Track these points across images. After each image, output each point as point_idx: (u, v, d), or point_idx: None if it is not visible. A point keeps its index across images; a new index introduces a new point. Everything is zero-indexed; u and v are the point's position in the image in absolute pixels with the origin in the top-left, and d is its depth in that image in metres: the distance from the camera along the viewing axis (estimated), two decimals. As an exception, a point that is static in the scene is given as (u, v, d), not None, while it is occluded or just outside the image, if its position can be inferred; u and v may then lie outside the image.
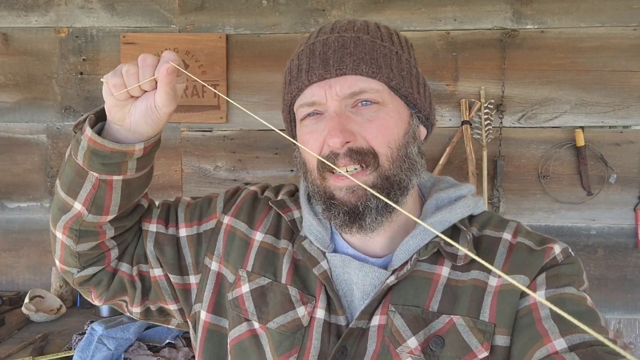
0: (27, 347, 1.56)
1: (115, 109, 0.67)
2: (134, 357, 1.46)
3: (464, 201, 0.71)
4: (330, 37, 0.67)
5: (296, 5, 1.99)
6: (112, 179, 0.69)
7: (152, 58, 0.65)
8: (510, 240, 0.68)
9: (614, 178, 1.95)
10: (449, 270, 0.67)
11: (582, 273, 0.65)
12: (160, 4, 2.01)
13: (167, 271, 0.77)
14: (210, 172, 2.05)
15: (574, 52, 1.93)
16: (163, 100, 0.64)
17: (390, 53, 0.68)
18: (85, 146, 0.67)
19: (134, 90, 0.65)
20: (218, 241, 0.77)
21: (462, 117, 1.94)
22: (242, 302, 0.72)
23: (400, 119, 0.67)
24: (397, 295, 0.66)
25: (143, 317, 0.82)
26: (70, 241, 0.73)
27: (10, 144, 2.06)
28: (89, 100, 2.04)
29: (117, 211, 0.72)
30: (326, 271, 0.69)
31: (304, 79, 0.66)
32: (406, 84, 0.68)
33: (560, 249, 0.66)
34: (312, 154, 0.66)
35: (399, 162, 0.66)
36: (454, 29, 1.96)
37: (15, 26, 2.03)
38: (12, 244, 2.08)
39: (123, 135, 0.69)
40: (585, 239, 1.99)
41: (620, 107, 1.94)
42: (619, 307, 1.99)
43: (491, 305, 0.63)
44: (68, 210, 0.71)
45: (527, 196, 1.99)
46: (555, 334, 0.56)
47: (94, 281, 0.78)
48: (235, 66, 2.01)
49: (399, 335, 0.63)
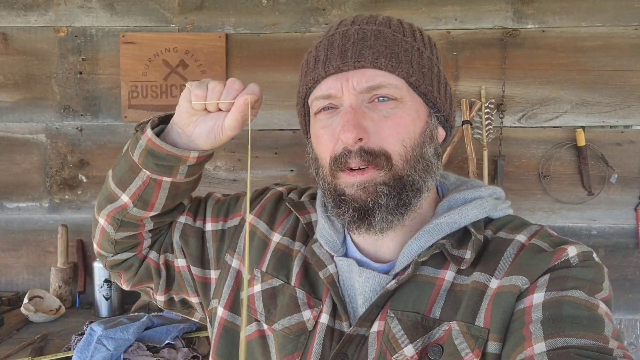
0: (26, 347, 1.56)
1: (185, 115, 0.70)
2: (133, 357, 1.46)
3: (478, 202, 0.67)
4: (351, 29, 0.65)
5: (296, 5, 1.98)
6: (162, 180, 0.73)
7: (240, 85, 0.68)
8: (524, 242, 0.63)
9: (615, 178, 1.95)
10: (454, 275, 0.63)
11: (601, 280, 0.58)
12: (160, 4, 2.00)
13: (190, 262, 0.79)
14: (209, 172, 2.05)
15: (575, 51, 1.93)
16: (231, 124, 0.68)
17: (411, 48, 0.65)
18: (143, 145, 0.70)
19: (211, 105, 0.68)
20: (240, 239, 0.78)
21: (463, 116, 1.93)
22: (253, 302, 0.72)
23: (418, 117, 0.65)
24: (397, 300, 0.63)
25: (167, 307, 0.85)
26: (111, 228, 0.78)
27: (10, 144, 2.06)
28: (88, 99, 2.03)
29: (161, 209, 0.76)
30: (332, 275, 0.68)
31: (320, 70, 0.64)
32: (426, 81, 0.66)
33: (578, 251, 0.60)
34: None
35: (413, 162, 0.64)
36: (454, 29, 1.96)
37: (14, 26, 2.02)
38: (11, 244, 2.08)
39: (182, 141, 0.72)
40: (585, 239, 1.98)
41: (622, 106, 1.93)
42: (619, 307, 1.99)
43: (487, 310, 0.58)
44: (115, 201, 0.76)
45: (527, 196, 1.99)
46: (539, 338, 0.51)
47: (125, 266, 0.83)
48: (235, 66, 2.01)
49: (396, 342, 0.60)
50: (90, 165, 2.05)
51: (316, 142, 0.67)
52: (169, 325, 1.61)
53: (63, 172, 2.06)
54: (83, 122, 2.04)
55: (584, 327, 0.51)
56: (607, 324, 0.53)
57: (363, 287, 0.65)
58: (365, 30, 0.64)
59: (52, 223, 2.04)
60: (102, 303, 1.88)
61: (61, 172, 2.06)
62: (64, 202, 2.06)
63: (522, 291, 0.57)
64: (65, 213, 2.06)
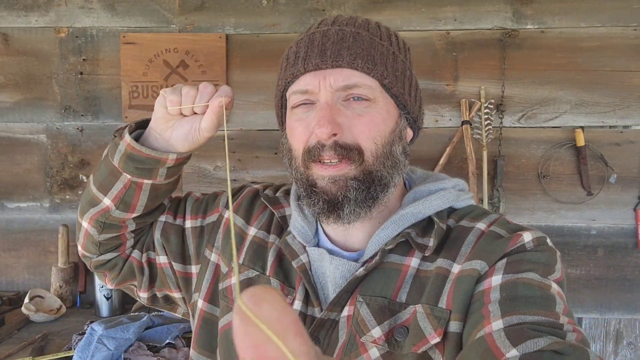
0: (27, 347, 1.56)
1: (162, 120, 0.73)
2: (134, 357, 1.46)
3: (441, 193, 0.72)
4: (331, 29, 0.68)
5: (296, 5, 1.99)
6: (142, 182, 0.75)
7: (212, 88, 0.71)
8: (483, 229, 0.68)
9: (614, 178, 1.95)
10: (419, 262, 0.67)
11: (554, 263, 0.63)
12: (160, 4, 2.01)
13: (171, 259, 0.82)
14: (210, 172, 2.05)
15: (574, 52, 1.93)
16: (207, 125, 0.71)
17: (387, 52, 0.69)
18: (122, 150, 0.73)
19: (186, 110, 0.71)
20: (218, 234, 0.81)
21: (462, 117, 1.94)
22: (230, 293, 0.76)
23: (389, 117, 0.69)
24: (366, 286, 0.67)
25: (150, 303, 0.88)
26: (94, 231, 0.80)
27: (10, 144, 2.06)
28: (89, 100, 2.04)
29: (142, 210, 0.79)
30: (304, 264, 0.71)
31: (300, 67, 0.67)
32: (398, 84, 0.69)
33: (532, 237, 0.64)
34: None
35: (382, 159, 0.67)
36: (453, 29, 1.96)
37: (15, 26, 2.03)
38: (11, 244, 2.08)
39: (159, 144, 0.75)
40: (585, 239, 1.99)
41: (621, 107, 1.94)
42: (619, 307, 1.99)
43: (449, 293, 0.63)
44: (97, 204, 0.78)
45: (527, 196, 1.99)
46: (497, 316, 0.55)
47: (109, 265, 0.85)
48: (235, 66, 2.01)
49: (364, 325, 0.64)
50: (91, 166, 2.06)
51: (291, 134, 0.71)
52: (169, 324, 1.61)
53: (64, 172, 2.06)
54: (84, 122, 2.04)
55: (537, 306, 0.55)
56: (559, 302, 0.57)
57: (334, 274, 0.69)
58: (344, 32, 0.67)
59: (52, 223, 2.05)
60: (102, 303, 1.89)
61: (62, 172, 2.06)
62: (65, 202, 2.07)
63: (481, 274, 0.61)
64: (65, 213, 2.06)
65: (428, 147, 1.99)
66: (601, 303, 2.00)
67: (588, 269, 1.99)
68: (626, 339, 2.04)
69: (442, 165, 1.94)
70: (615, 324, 2.03)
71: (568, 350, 0.47)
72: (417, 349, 0.61)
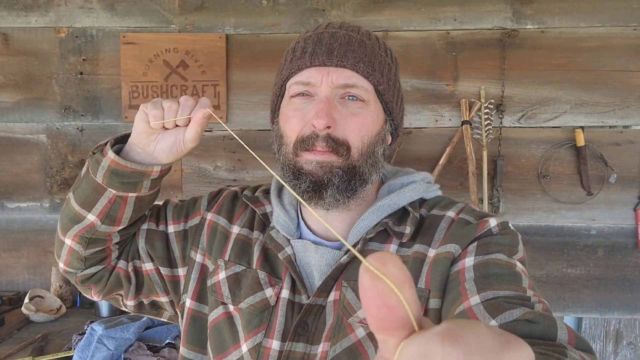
0: (27, 347, 1.57)
1: (144, 135, 0.75)
2: (134, 357, 1.46)
3: (413, 186, 0.79)
4: (339, 32, 0.74)
5: (296, 6, 1.99)
6: (127, 196, 0.77)
7: (192, 101, 0.74)
8: (453, 217, 0.75)
9: (614, 178, 1.95)
10: (397, 248, 0.74)
11: (517, 244, 0.70)
12: (160, 4, 2.01)
13: (158, 264, 0.84)
14: (210, 172, 2.05)
15: (574, 52, 1.93)
16: (191, 137, 0.74)
17: (384, 62, 0.76)
18: (105, 167, 0.74)
19: (168, 123, 0.74)
20: (202, 235, 0.85)
21: (462, 117, 1.94)
22: (219, 288, 0.80)
23: (377, 120, 0.75)
24: (350, 272, 0.73)
25: (136, 310, 0.89)
26: (80, 247, 0.81)
27: (10, 144, 2.06)
28: (89, 100, 2.04)
29: (128, 223, 0.80)
30: (290, 256, 0.77)
31: (306, 60, 0.73)
32: (390, 92, 0.76)
33: (497, 222, 0.71)
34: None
35: (366, 157, 0.73)
36: (453, 29, 1.96)
37: (15, 26, 2.03)
38: (11, 244, 2.08)
39: (142, 157, 0.77)
40: (585, 239, 1.99)
41: (620, 107, 1.94)
42: (619, 307, 1.99)
43: (427, 274, 0.69)
44: (81, 221, 0.79)
45: (527, 196, 1.99)
46: (473, 292, 0.61)
47: (95, 279, 0.85)
48: (235, 66, 2.01)
49: (350, 307, 0.70)
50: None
51: (285, 121, 0.75)
52: (169, 324, 1.61)
53: (64, 172, 2.06)
54: (84, 122, 2.04)
55: (507, 282, 0.62)
56: (524, 279, 0.64)
57: (319, 262, 0.75)
58: (351, 37, 0.74)
59: (52, 223, 2.05)
60: (102, 303, 1.89)
61: (62, 172, 2.06)
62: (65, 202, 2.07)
63: (456, 257, 0.69)
64: (65, 213, 2.06)
65: (428, 147, 1.99)
66: (601, 303, 2.00)
67: (588, 269, 1.99)
68: (626, 339, 2.04)
69: (442, 165, 1.94)
70: (615, 324, 2.03)
71: (539, 319, 0.54)
72: None
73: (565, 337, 0.52)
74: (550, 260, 2.00)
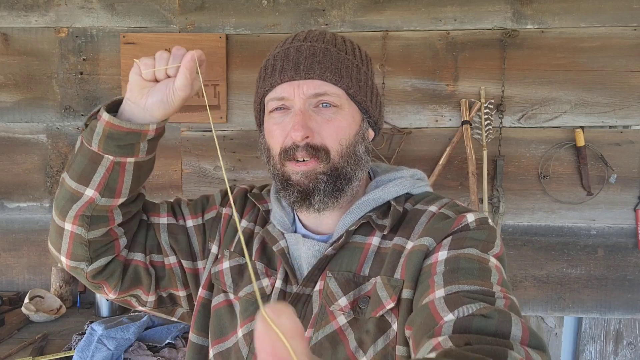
0: (27, 347, 1.56)
1: (136, 88, 0.76)
2: (134, 357, 1.46)
3: (399, 181, 0.83)
4: (304, 45, 0.78)
5: (296, 5, 1.99)
6: (125, 161, 0.77)
7: (184, 50, 0.75)
8: (434, 211, 0.77)
9: (614, 178, 1.95)
10: (379, 240, 0.77)
11: (493, 240, 0.71)
12: (160, 4, 2.01)
13: (181, 258, 0.87)
14: (210, 172, 2.05)
15: (574, 52, 1.93)
16: (181, 83, 0.74)
17: (351, 65, 0.79)
18: (100, 132, 0.75)
19: (159, 72, 0.75)
20: (219, 228, 0.90)
21: (462, 117, 1.94)
22: (222, 277, 0.84)
23: (353, 121, 0.79)
24: (334, 263, 0.77)
25: (155, 306, 0.90)
26: (82, 229, 0.79)
27: (10, 144, 2.06)
28: (89, 100, 2.04)
29: (128, 194, 0.80)
30: (283, 248, 0.81)
31: (277, 78, 0.77)
32: (362, 93, 0.79)
33: (475, 217, 0.73)
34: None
35: (346, 157, 0.77)
36: (454, 29, 1.96)
37: (15, 26, 2.03)
38: (12, 244, 2.08)
39: (137, 116, 0.77)
40: (585, 239, 1.99)
41: (621, 107, 1.94)
42: (619, 307, 1.99)
43: (403, 265, 0.72)
44: (79, 198, 0.78)
45: (527, 196, 1.99)
46: (440, 285, 0.63)
47: (107, 273, 0.83)
48: (235, 66, 2.01)
49: (332, 295, 0.74)
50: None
51: (269, 135, 0.80)
52: (169, 324, 1.61)
53: (64, 172, 2.06)
54: (84, 122, 2.04)
55: (474, 277, 0.63)
56: (494, 274, 0.65)
57: (307, 254, 0.79)
58: (315, 47, 0.77)
59: (52, 223, 2.05)
60: (102, 303, 1.89)
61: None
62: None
63: (430, 250, 0.71)
64: (65, 213, 2.06)
65: (428, 147, 1.99)
66: (601, 303, 2.00)
67: (588, 269, 1.99)
68: (626, 339, 2.04)
69: (442, 165, 1.94)
70: (615, 324, 2.03)
71: (493, 314, 0.55)
72: (375, 313, 0.71)
73: (519, 333, 0.53)
74: (550, 260, 2.00)
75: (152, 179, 2.01)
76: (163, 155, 2.02)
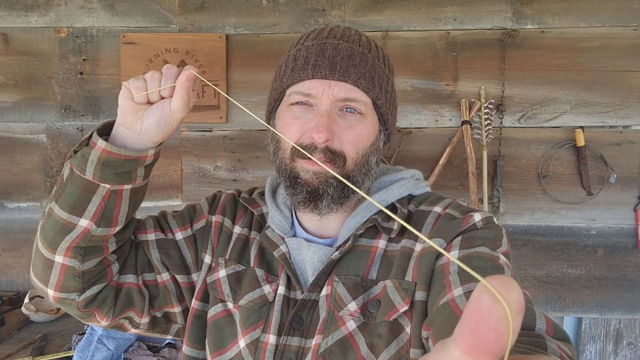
0: (27, 347, 1.57)
1: (129, 113, 0.72)
2: (134, 357, 1.46)
3: (401, 182, 0.82)
4: (341, 44, 0.75)
5: (296, 5, 1.99)
6: (122, 189, 0.73)
7: (176, 69, 0.72)
8: (440, 212, 0.77)
9: (614, 178, 1.95)
10: (386, 243, 0.76)
11: (500, 238, 0.71)
12: (160, 4, 2.01)
13: (174, 272, 0.83)
14: (210, 172, 2.05)
15: (574, 52, 1.93)
16: (178, 104, 0.71)
17: (383, 74, 0.77)
18: (95, 159, 0.70)
19: (152, 95, 0.71)
20: (210, 237, 0.86)
21: (462, 117, 1.94)
22: (219, 285, 0.81)
23: (372, 132, 0.78)
24: (341, 267, 0.75)
25: (150, 327, 0.84)
26: (75, 261, 0.73)
27: (10, 144, 2.06)
28: (89, 100, 2.04)
29: (125, 221, 0.75)
30: (284, 254, 0.79)
31: (309, 72, 0.73)
32: (387, 105, 0.78)
33: (481, 217, 0.73)
34: (289, 141, 0.75)
35: (360, 167, 0.76)
36: (454, 29, 1.96)
37: (15, 26, 2.03)
38: (12, 244, 2.08)
39: (131, 142, 0.73)
40: (585, 239, 1.99)
41: (621, 107, 1.94)
42: (619, 307, 1.99)
43: (414, 267, 0.71)
44: (72, 230, 0.72)
45: (527, 196, 1.99)
46: (457, 284, 0.63)
47: (99, 301, 0.78)
48: (235, 66, 2.01)
49: (341, 300, 0.72)
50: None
51: (283, 127, 0.76)
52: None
53: (64, 172, 2.06)
54: (84, 122, 2.04)
55: (489, 274, 0.61)
56: (506, 271, 0.65)
57: (312, 259, 0.77)
58: (353, 50, 0.75)
59: (52, 223, 2.05)
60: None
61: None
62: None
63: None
64: (65, 213, 2.06)
65: (428, 147, 1.99)
66: (601, 303, 2.00)
67: (588, 269, 1.99)
68: (626, 339, 2.04)
69: (442, 165, 1.94)
70: (615, 324, 2.03)
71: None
72: (388, 317, 0.70)
73: (544, 326, 0.53)
74: (550, 260, 2.00)
75: (152, 179, 2.01)
76: (163, 155, 2.02)
